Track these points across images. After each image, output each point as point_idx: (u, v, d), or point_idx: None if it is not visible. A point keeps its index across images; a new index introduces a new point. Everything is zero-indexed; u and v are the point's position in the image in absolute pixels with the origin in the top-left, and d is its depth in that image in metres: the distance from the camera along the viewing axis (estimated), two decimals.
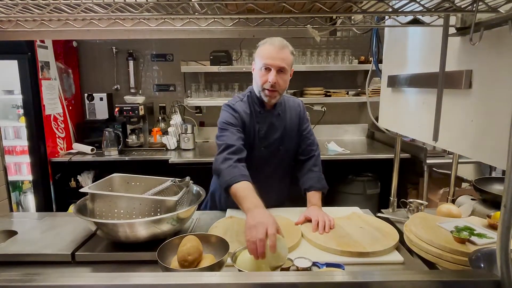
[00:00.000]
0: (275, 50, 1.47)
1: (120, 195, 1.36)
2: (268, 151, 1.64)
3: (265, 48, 1.50)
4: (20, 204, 3.35)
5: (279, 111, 1.65)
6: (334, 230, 1.37)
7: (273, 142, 1.64)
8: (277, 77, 1.48)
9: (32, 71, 2.87)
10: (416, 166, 2.91)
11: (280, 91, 1.53)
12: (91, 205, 1.32)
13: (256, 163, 1.59)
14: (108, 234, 1.20)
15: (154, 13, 0.78)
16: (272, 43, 1.49)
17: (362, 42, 3.55)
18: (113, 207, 1.30)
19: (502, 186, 1.69)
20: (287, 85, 1.56)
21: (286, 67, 1.48)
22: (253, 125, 1.60)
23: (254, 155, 1.59)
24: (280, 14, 0.82)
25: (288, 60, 1.50)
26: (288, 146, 1.68)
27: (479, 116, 0.95)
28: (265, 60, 1.48)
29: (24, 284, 0.78)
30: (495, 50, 0.89)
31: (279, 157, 1.67)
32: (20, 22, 0.87)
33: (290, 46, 1.53)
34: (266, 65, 1.48)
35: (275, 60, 1.46)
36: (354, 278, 0.80)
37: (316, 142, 1.75)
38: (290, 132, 1.67)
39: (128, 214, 1.29)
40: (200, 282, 0.78)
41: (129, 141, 3.34)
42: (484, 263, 0.92)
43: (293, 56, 1.55)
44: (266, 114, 1.61)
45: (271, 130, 1.62)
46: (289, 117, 1.67)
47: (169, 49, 3.61)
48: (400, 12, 0.85)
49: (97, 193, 1.32)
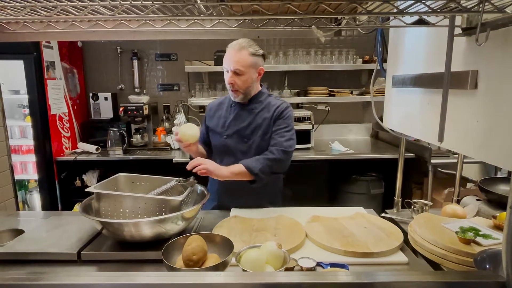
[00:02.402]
0: (232, 53, 1.61)
1: (125, 194, 1.37)
2: (232, 141, 1.72)
3: (226, 52, 1.64)
4: (26, 203, 3.38)
5: (253, 107, 1.73)
6: (338, 230, 1.37)
7: (236, 132, 1.71)
8: (234, 78, 1.62)
9: (38, 71, 2.90)
10: (421, 166, 2.90)
11: (241, 90, 1.66)
12: (97, 204, 1.33)
13: (221, 150, 1.75)
14: (113, 233, 1.22)
15: (160, 15, 0.79)
16: (231, 47, 1.63)
17: (366, 42, 3.54)
18: (119, 206, 1.32)
19: (507, 186, 1.68)
20: (249, 84, 1.66)
21: (241, 69, 1.61)
22: (225, 116, 1.77)
23: (219, 142, 1.76)
24: (285, 16, 0.82)
25: (244, 62, 1.61)
26: (256, 141, 1.69)
27: (485, 116, 0.95)
28: (224, 63, 1.64)
29: (31, 282, 0.79)
30: (501, 51, 0.88)
31: (244, 149, 1.70)
32: (27, 23, 0.88)
33: (253, 47, 1.62)
34: (224, 67, 1.65)
35: (230, 63, 1.61)
36: (358, 278, 0.80)
37: (283, 149, 1.61)
38: (259, 127, 1.69)
39: (133, 214, 1.30)
40: (204, 282, 0.79)
41: (134, 140, 3.35)
42: (490, 264, 0.91)
43: (257, 56, 1.65)
44: (236, 107, 1.75)
45: (235, 120, 1.72)
46: (263, 115, 1.71)
47: (173, 49, 3.63)
48: (405, 12, 0.84)
49: (102, 192, 1.33)
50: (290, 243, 1.24)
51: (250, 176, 1.55)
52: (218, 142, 1.76)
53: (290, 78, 3.58)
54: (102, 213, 1.32)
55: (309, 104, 3.48)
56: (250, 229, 1.39)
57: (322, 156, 2.98)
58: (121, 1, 0.72)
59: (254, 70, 1.66)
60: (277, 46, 3.62)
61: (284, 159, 1.62)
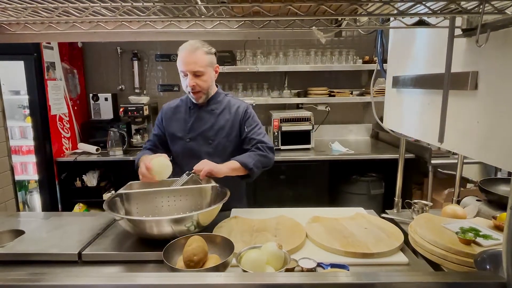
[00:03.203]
0: (187, 55, 1.58)
1: (162, 189, 1.49)
2: (196, 144, 1.71)
3: (180, 55, 1.61)
4: (26, 203, 3.38)
5: (213, 107, 1.72)
6: (339, 231, 1.37)
7: (200, 134, 1.70)
8: (194, 80, 1.60)
9: (38, 71, 2.90)
10: (421, 166, 2.90)
11: (203, 91, 1.65)
12: (127, 205, 1.42)
13: (185, 154, 1.72)
14: (158, 231, 1.21)
15: (161, 16, 0.79)
16: (184, 48, 1.60)
17: (366, 42, 3.54)
18: (154, 204, 1.48)
19: (507, 187, 1.68)
20: (209, 83, 1.66)
21: (200, 70, 1.59)
22: (185, 119, 1.74)
23: (182, 146, 1.73)
24: (286, 17, 0.82)
25: (202, 62, 1.59)
26: (221, 142, 1.70)
27: (485, 117, 0.95)
28: (181, 67, 1.60)
29: (32, 283, 0.79)
30: (501, 52, 0.88)
31: (209, 151, 1.69)
32: (28, 25, 0.88)
33: (206, 46, 1.61)
34: (183, 71, 1.61)
35: (188, 65, 1.58)
36: (358, 279, 0.80)
37: (268, 145, 1.69)
38: (223, 128, 1.70)
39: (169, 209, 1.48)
40: (205, 283, 0.79)
41: (134, 141, 3.35)
42: (490, 265, 0.91)
43: (211, 54, 1.63)
44: (196, 110, 1.73)
45: (197, 122, 1.71)
46: (225, 116, 1.71)
47: (173, 49, 3.62)
48: (405, 14, 0.85)
49: (140, 191, 1.46)
50: (290, 244, 1.24)
51: (245, 171, 1.59)
52: (181, 146, 1.73)
53: (290, 78, 3.58)
54: (136, 213, 1.43)
55: (309, 105, 3.48)
56: (250, 229, 1.39)
57: (322, 156, 2.98)
58: (122, 2, 0.72)
59: (211, 68, 1.65)
60: (277, 47, 3.62)
61: (271, 155, 1.69)
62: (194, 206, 1.51)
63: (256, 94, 3.44)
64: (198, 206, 1.50)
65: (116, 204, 1.39)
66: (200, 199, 1.52)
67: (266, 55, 3.35)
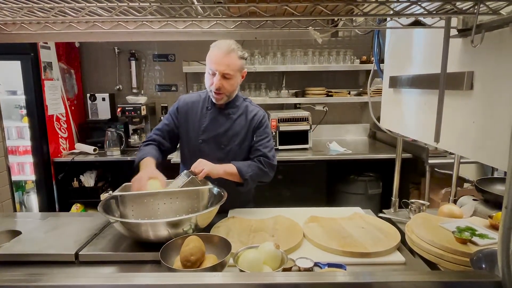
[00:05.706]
0: (221, 55, 1.52)
1: (158, 191, 1.44)
2: (208, 147, 1.65)
3: (212, 52, 1.56)
4: (23, 204, 3.37)
5: (231, 111, 1.67)
6: (336, 230, 1.37)
7: (213, 138, 1.65)
8: (222, 81, 1.54)
9: (35, 71, 2.89)
10: (418, 166, 2.91)
11: (227, 93, 1.60)
12: (122, 207, 1.39)
13: (193, 156, 1.61)
14: (154, 234, 1.20)
15: (157, 16, 0.79)
16: (219, 48, 1.54)
17: (363, 42, 3.55)
18: (151, 206, 1.44)
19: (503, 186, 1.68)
20: (235, 88, 1.63)
21: (231, 73, 1.54)
22: (199, 119, 1.68)
23: (192, 147, 1.68)
24: (282, 17, 0.82)
25: (234, 66, 1.55)
26: (234, 149, 1.66)
27: (481, 117, 0.96)
28: (211, 65, 1.55)
29: (30, 284, 0.79)
30: (496, 52, 0.89)
31: (220, 156, 1.64)
32: (24, 25, 0.88)
33: (240, 50, 1.56)
34: (212, 70, 1.55)
35: (220, 66, 1.52)
36: (356, 278, 0.81)
37: (270, 162, 1.66)
38: (237, 135, 1.66)
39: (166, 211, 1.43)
40: (202, 283, 0.79)
41: (131, 141, 3.34)
42: (486, 264, 0.92)
43: (243, 59, 1.59)
44: (213, 111, 1.67)
45: (212, 124, 1.65)
46: (241, 122, 1.67)
47: (171, 49, 3.62)
48: (401, 14, 0.85)
49: (136, 193, 1.41)
50: (288, 244, 1.24)
51: (240, 179, 1.57)
52: (192, 145, 1.68)
53: (287, 78, 3.59)
54: (131, 215, 1.41)
55: (307, 105, 3.48)
56: (248, 229, 1.39)
57: (320, 156, 2.99)
58: (119, 2, 0.72)
59: (239, 73, 1.61)
60: (274, 47, 3.63)
61: (270, 173, 1.67)
62: (191, 208, 1.48)
63: (254, 94, 3.44)
64: (195, 208, 1.48)
65: (111, 206, 1.35)
66: (197, 201, 1.49)
67: (263, 55, 3.35)
